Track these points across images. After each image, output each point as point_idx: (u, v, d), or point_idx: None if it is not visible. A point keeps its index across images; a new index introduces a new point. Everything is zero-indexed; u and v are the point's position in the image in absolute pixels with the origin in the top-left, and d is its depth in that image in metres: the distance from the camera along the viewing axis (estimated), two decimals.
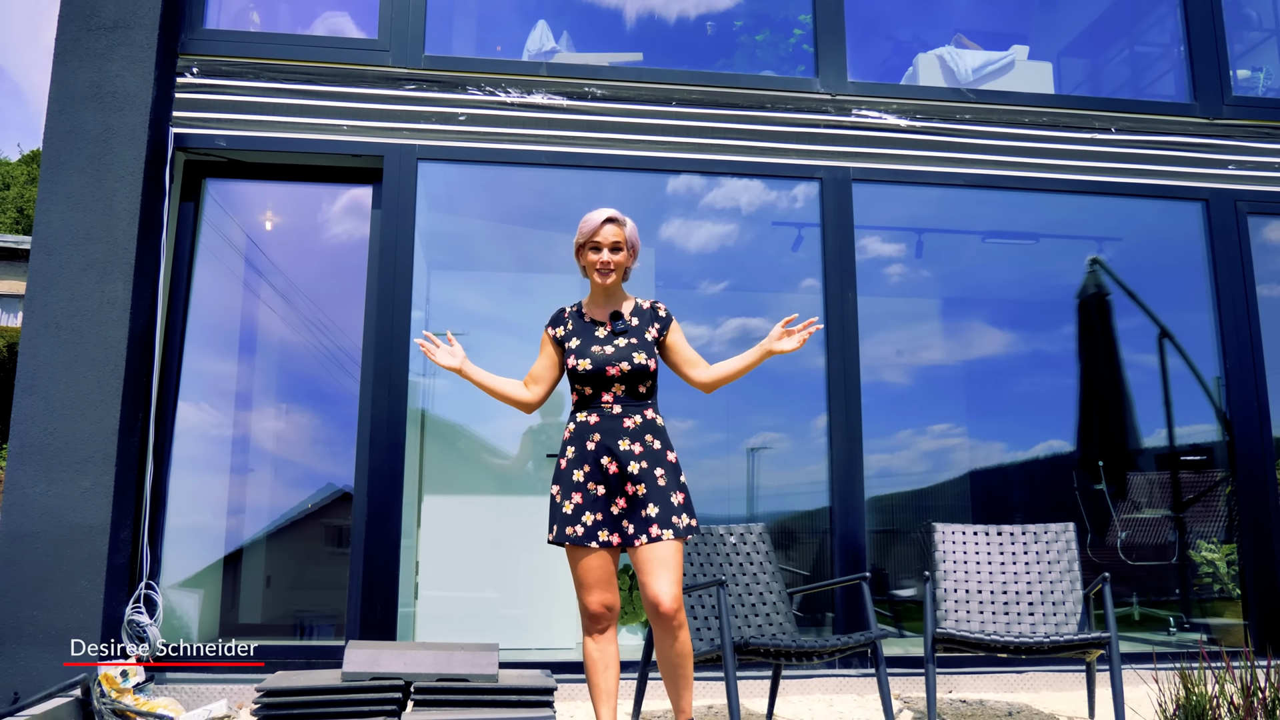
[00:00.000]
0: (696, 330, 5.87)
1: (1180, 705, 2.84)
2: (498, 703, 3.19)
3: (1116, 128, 5.76)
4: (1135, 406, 6.43)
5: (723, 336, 5.84)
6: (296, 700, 3.15)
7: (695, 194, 5.75)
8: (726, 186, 5.73)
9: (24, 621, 4.29)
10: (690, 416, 5.95)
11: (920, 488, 6.29)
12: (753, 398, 5.69)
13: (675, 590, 3.09)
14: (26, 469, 4.42)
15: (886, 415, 5.93)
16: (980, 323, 6.60)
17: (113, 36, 4.82)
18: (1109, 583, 3.71)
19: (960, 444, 6.32)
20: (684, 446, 5.85)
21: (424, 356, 5.51)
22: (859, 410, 5.27)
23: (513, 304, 5.99)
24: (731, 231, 5.85)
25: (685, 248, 5.88)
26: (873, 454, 5.87)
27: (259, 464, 5.75)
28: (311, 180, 5.41)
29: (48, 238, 4.62)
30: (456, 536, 5.51)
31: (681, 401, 6.01)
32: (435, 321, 5.74)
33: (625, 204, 5.90)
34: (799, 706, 4.56)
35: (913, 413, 6.17)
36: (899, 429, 6.07)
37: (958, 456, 6.32)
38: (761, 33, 6.28)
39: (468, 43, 6.26)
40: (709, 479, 5.78)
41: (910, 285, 6.17)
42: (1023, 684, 4.94)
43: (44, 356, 4.52)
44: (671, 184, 5.71)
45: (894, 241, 6.04)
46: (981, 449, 6.39)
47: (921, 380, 6.30)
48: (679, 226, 5.84)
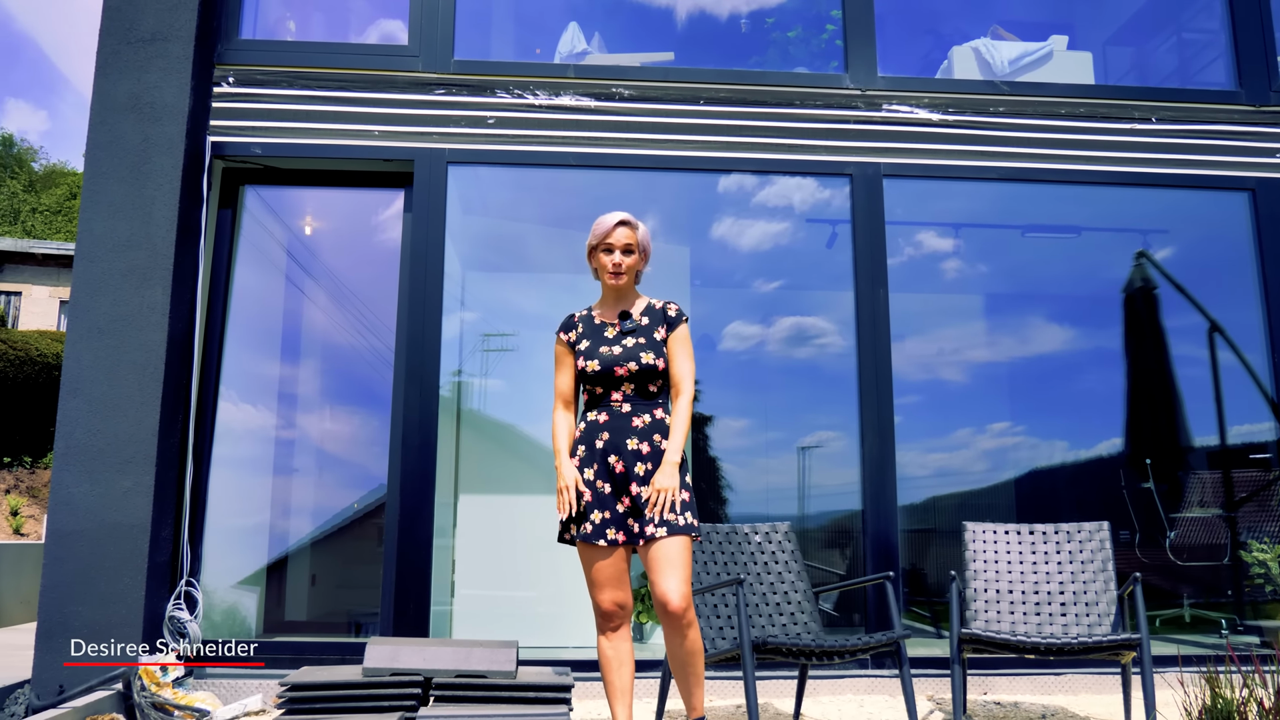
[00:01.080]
0: (749, 329, 5.85)
1: (1206, 709, 2.77)
2: (515, 699, 3.22)
3: (1157, 117, 5.62)
4: (1185, 403, 6.28)
5: (776, 335, 5.81)
6: (318, 694, 3.21)
7: (746, 192, 5.73)
8: (778, 184, 5.70)
9: (69, 616, 4.43)
10: (745, 416, 5.95)
11: (977, 488, 6.21)
12: (809, 397, 5.62)
13: (684, 588, 3.08)
14: (71, 469, 4.56)
15: (943, 414, 5.87)
16: (1038, 319, 6.47)
17: (151, 49, 4.95)
18: (1140, 583, 3.63)
19: (1019, 442, 6.22)
20: (738, 446, 5.87)
21: (460, 357, 5.62)
22: (891, 408, 5.21)
23: (564, 304, 6.07)
24: (784, 230, 5.81)
25: (737, 246, 5.87)
26: (932, 453, 5.81)
27: (307, 464, 5.85)
28: (345, 185, 5.51)
29: (90, 245, 4.77)
30: (493, 535, 5.57)
31: (735, 401, 6.01)
32: (487, 322, 5.82)
33: (677, 203, 5.95)
34: (828, 707, 4.53)
35: (970, 411, 6.09)
36: (957, 428, 6.00)
37: (1017, 455, 6.22)
38: (794, 29, 6.25)
39: (506, 45, 6.33)
40: (764, 478, 5.76)
41: (965, 281, 6.11)
42: (1060, 686, 4.85)
43: (87, 360, 4.66)
44: (723, 182, 5.71)
45: (948, 237, 5.99)
46: (1042, 448, 6.28)
47: (978, 378, 6.22)
48: (730, 225, 5.83)
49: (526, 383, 5.73)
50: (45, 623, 4.43)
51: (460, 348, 5.59)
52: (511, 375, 5.79)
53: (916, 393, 5.91)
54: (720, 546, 4.15)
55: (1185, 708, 2.79)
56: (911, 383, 5.87)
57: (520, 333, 5.82)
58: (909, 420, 5.77)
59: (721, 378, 5.98)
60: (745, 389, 6.13)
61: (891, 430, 5.18)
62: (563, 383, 3.38)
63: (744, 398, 6.06)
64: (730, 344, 5.95)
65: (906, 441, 5.70)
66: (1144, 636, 3.49)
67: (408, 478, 4.95)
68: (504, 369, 5.81)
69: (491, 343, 5.84)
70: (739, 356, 5.97)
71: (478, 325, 5.82)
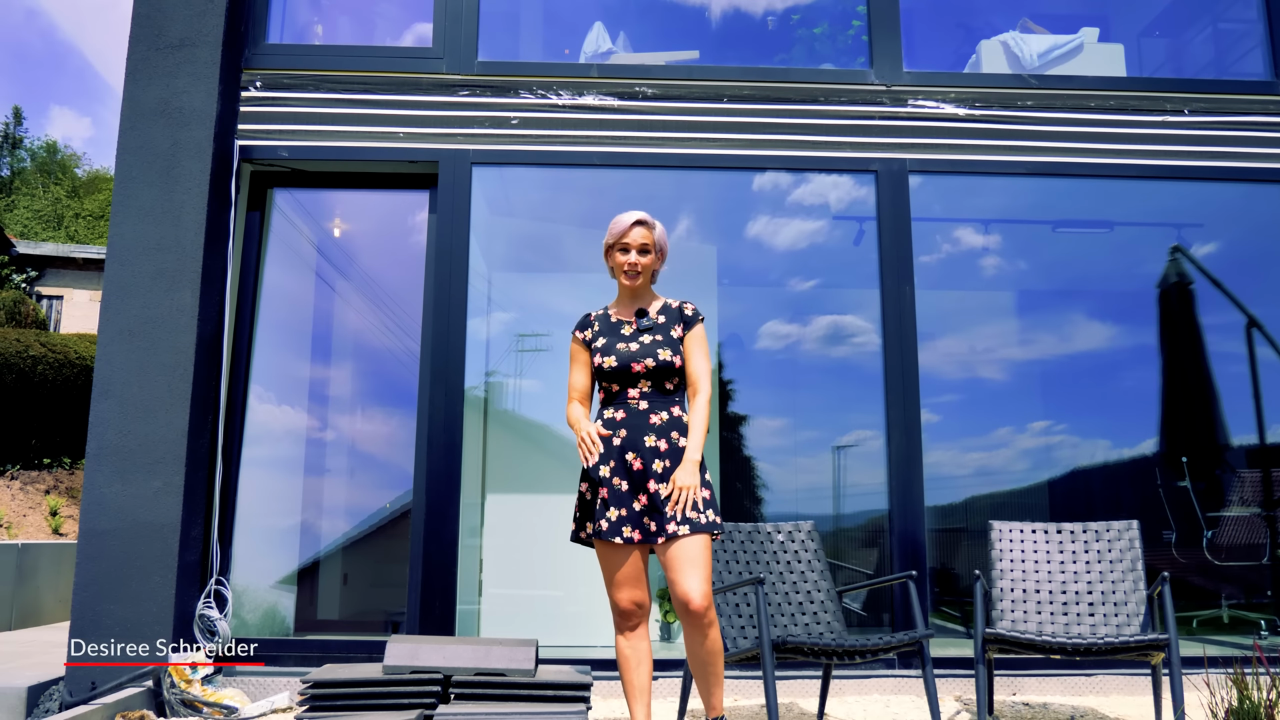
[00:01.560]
0: (786, 329, 5.82)
1: (1231, 711, 2.71)
2: (533, 697, 3.23)
3: (1190, 109, 5.53)
4: (1222, 400, 6.17)
5: (814, 334, 5.77)
6: (340, 691, 3.24)
7: (782, 190, 5.70)
8: (814, 182, 5.66)
9: (102, 614, 4.50)
10: (782, 415, 5.92)
11: (1016, 487, 6.14)
12: (847, 395, 5.56)
13: (705, 587, 3.07)
14: (103, 470, 4.63)
15: (982, 413, 5.81)
16: (1078, 315, 6.38)
17: (179, 55, 5.02)
18: (1169, 582, 3.57)
19: (1059, 441, 6.13)
20: (775, 445, 5.85)
21: (487, 358, 5.65)
22: (917, 407, 5.16)
23: (599, 304, 6.12)
24: (819, 228, 5.77)
25: (772, 245, 5.84)
26: (970, 453, 5.75)
27: (339, 464, 5.89)
28: (371, 187, 5.56)
29: (120, 249, 4.84)
30: (520, 534, 5.59)
31: (772, 400, 5.99)
32: (523, 322, 5.85)
33: (709, 202, 5.94)
34: (854, 707, 4.50)
35: (1010, 410, 6.03)
36: (996, 426, 5.93)
37: (1058, 454, 6.13)
38: (820, 25, 6.21)
39: (535, 46, 6.35)
40: (801, 477, 5.73)
41: (1003, 278, 6.05)
42: (1091, 687, 4.78)
43: (118, 362, 4.73)
44: (757, 181, 5.68)
45: (985, 233, 5.93)
46: (1084, 447, 6.18)
47: (1018, 376, 6.14)
48: (765, 224, 5.80)
49: (561, 382, 5.74)
50: (78, 620, 4.50)
51: (486, 349, 5.61)
52: (546, 375, 5.80)
53: (955, 391, 5.85)
54: (742, 546, 4.13)
55: (1211, 709, 2.73)
56: (950, 381, 5.82)
57: (554, 332, 5.83)
58: (947, 419, 5.72)
59: (757, 377, 5.96)
60: (781, 388, 6.10)
61: (918, 429, 5.13)
62: (578, 380, 3.39)
63: (780, 397, 6.03)
64: (766, 343, 5.92)
65: (945, 441, 5.66)
66: (1172, 636, 3.43)
67: (433, 477, 4.98)
68: (539, 369, 5.83)
69: (526, 343, 5.86)
70: (775, 355, 5.94)
71: (513, 325, 5.85)
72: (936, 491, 5.64)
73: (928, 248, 5.74)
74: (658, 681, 4.70)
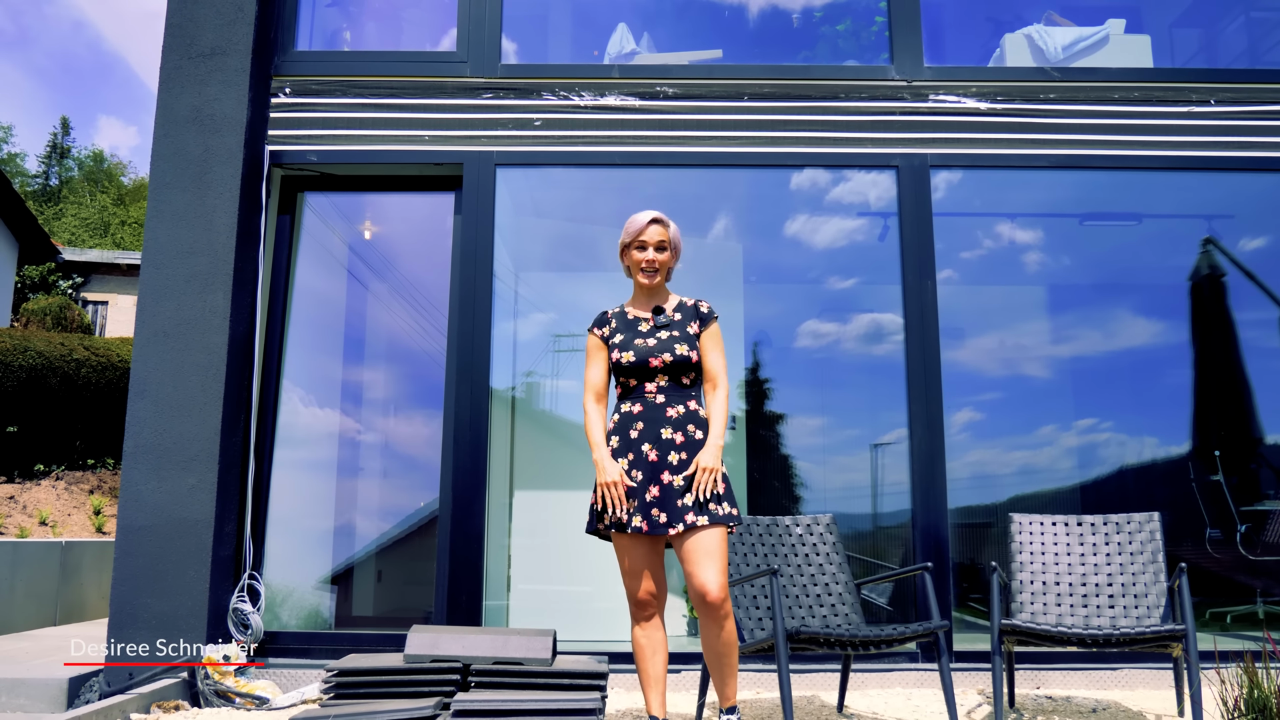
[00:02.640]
0: (825, 327, 5.83)
1: (1243, 699, 2.71)
2: (550, 685, 3.29)
3: (1216, 99, 5.48)
4: (1256, 394, 6.10)
5: (853, 332, 5.77)
6: (362, 680, 3.32)
7: (820, 189, 5.72)
8: (854, 181, 5.67)
9: (138, 608, 4.64)
10: (822, 414, 5.92)
11: (1061, 486, 6.08)
12: (887, 393, 5.52)
13: (721, 579, 3.13)
14: (139, 467, 4.77)
15: (1026, 410, 5.78)
16: (1123, 311, 6.31)
17: (210, 63, 5.16)
18: (1186, 573, 3.56)
19: (1106, 439, 6.05)
20: (815, 444, 5.86)
21: (513, 357, 5.72)
22: (939, 402, 5.17)
23: None
24: (860, 226, 5.78)
25: (811, 243, 5.86)
26: (1014, 451, 5.72)
27: (373, 464, 5.97)
28: (397, 190, 5.66)
29: (155, 252, 4.98)
30: (548, 531, 5.66)
31: (811, 399, 6.00)
32: (560, 323, 5.92)
33: (741, 200, 5.97)
34: (875, 700, 4.52)
35: (1054, 407, 5.98)
36: (1041, 424, 5.89)
37: (1105, 453, 6.06)
38: (843, 22, 6.23)
39: (563, 47, 6.42)
40: (841, 475, 5.73)
41: (1046, 273, 6.01)
42: (1116, 681, 4.76)
43: (153, 363, 4.87)
44: (795, 180, 5.71)
45: (1025, 229, 5.91)
46: (1130, 444, 6.11)
47: (1062, 372, 6.08)
48: (804, 222, 5.82)
49: None
50: (116, 614, 4.64)
51: (514, 349, 5.68)
52: (582, 375, 5.85)
53: (998, 389, 5.82)
54: (760, 539, 4.17)
55: (1222, 698, 2.74)
56: (992, 379, 5.80)
57: None
58: (991, 417, 5.70)
59: (796, 376, 5.95)
60: (821, 387, 6.08)
61: (940, 423, 5.14)
62: (595, 376, 3.45)
63: (820, 396, 6.02)
64: (805, 342, 5.92)
65: (988, 439, 5.65)
66: (1189, 627, 3.42)
67: (459, 473, 5.07)
68: (576, 369, 5.89)
69: (562, 343, 5.93)
70: (814, 354, 5.94)
71: (551, 326, 5.92)
72: (980, 491, 5.64)
73: (969, 244, 5.74)
74: (681, 675, 4.75)
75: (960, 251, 5.68)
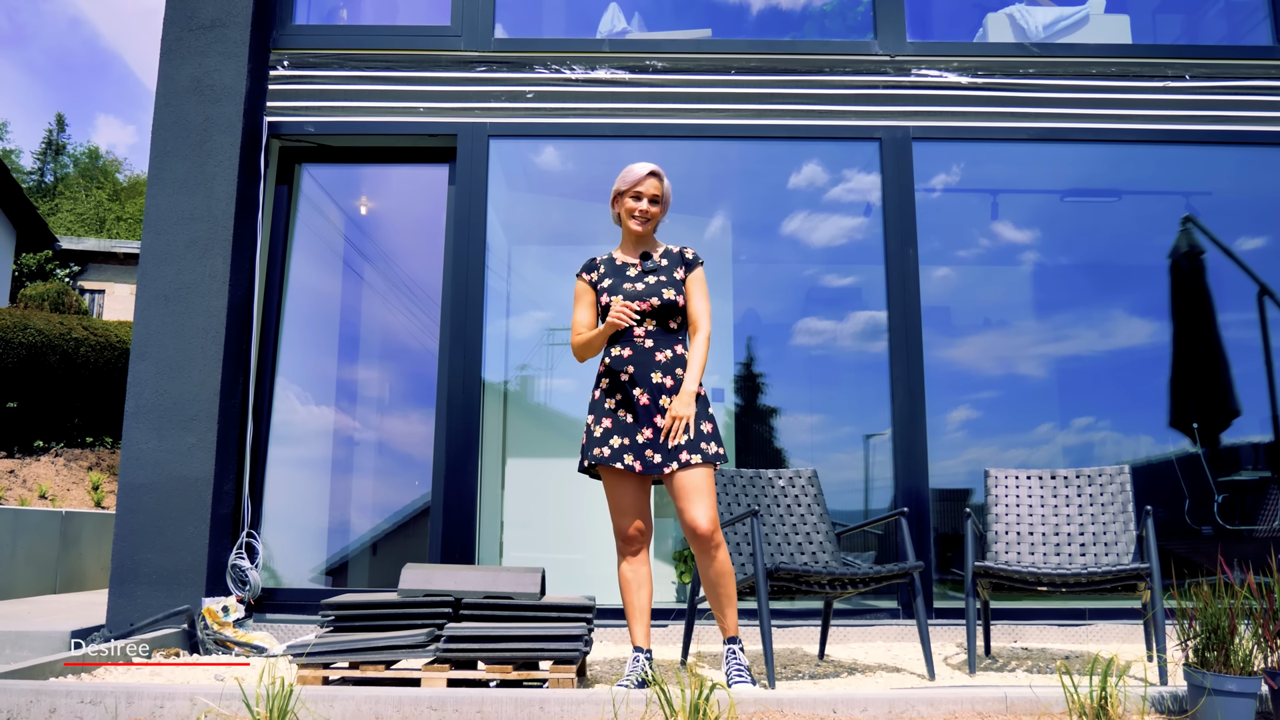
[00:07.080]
0: (822, 324, 5.92)
1: (1195, 617, 2.85)
2: (538, 618, 3.42)
3: (1190, 74, 5.62)
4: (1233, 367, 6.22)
5: (850, 330, 5.85)
6: (358, 613, 3.45)
7: (818, 188, 5.82)
8: (854, 181, 5.76)
9: (140, 563, 4.76)
10: (818, 412, 6.02)
11: None
12: (883, 392, 5.60)
13: (711, 513, 3.28)
14: (140, 427, 4.89)
15: (1023, 409, 5.88)
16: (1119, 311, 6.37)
17: (211, 35, 5.28)
18: (1153, 515, 3.70)
19: (1102, 438, 6.12)
20: (812, 442, 5.96)
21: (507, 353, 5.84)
22: (920, 364, 5.30)
23: None
24: (859, 225, 5.86)
25: (809, 242, 5.95)
26: (1012, 449, 5.83)
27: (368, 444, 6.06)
28: (393, 161, 5.79)
29: (156, 218, 5.11)
30: (541, 498, 5.79)
31: (808, 398, 6.10)
32: (557, 319, 6.04)
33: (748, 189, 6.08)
34: (856, 651, 4.65)
35: (1051, 406, 6.06)
36: (1038, 423, 5.97)
37: (1101, 451, 6.14)
38: (829, 2, 6.36)
39: (557, 23, 6.54)
40: (839, 473, 5.80)
41: (1044, 273, 6.10)
42: (1091, 636, 4.90)
43: (154, 325, 4.99)
44: (794, 179, 5.83)
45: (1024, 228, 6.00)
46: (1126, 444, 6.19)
47: (1059, 371, 6.15)
48: (802, 220, 5.92)
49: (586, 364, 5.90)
50: (118, 569, 4.77)
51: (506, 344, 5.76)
52: (574, 371, 5.93)
53: (995, 388, 5.92)
54: (744, 490, 4.30)
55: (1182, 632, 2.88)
56: (990, 377, 5.90)
57: None
58: (988, 415, 5.81)
59: (793, 374, 6.02)
60: (818, 384, 6.15)
61: (921, 387, 5.27)
62: (583, 318, 3.58)
63: (815, 395, 6.10)
64: (802, 339, 6.01)
65: (986, 437, 5.76)
66: (1154, 566, 3.56)
67: (453, 436, 5.20)
68: (572, 365, 5.98)
69: (556, 337, 6.05)
70: (811, 352, 6.02)
71: (547, 321, 6.03)
72: (977, 486, 5.72)
73: (965, 243, 5.86)
74: (666, 629, 4.89)
75: (956, 250, 5.78)
